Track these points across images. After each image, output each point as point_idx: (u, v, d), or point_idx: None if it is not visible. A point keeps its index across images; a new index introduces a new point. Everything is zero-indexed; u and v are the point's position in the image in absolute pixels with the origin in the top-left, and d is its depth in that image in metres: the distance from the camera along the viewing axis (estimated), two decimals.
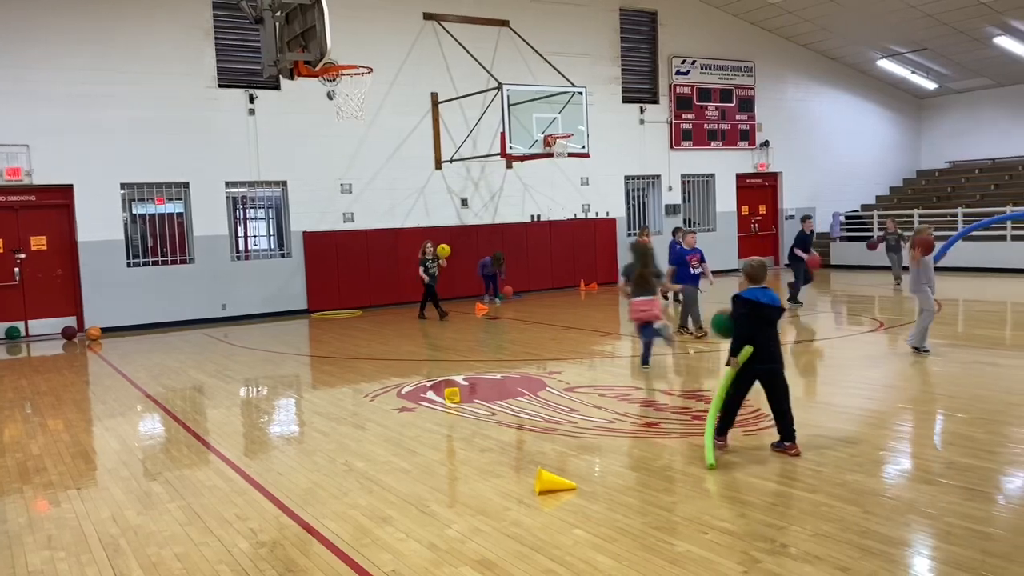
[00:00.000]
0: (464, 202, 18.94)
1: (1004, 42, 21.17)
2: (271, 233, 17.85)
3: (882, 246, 17.94)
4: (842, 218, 23.82)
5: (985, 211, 20.96)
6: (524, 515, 5.05)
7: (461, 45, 17.85)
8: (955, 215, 21.14)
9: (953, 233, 21.14)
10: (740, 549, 4.38)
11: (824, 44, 23.44)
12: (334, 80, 11.86)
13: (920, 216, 21.97)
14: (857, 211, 24.59)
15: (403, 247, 17.98)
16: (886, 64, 24.12)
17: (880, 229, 19.75)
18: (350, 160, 17.52)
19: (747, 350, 5.93)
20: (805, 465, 5.77)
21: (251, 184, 16.99)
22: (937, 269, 10.33)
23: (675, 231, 17.53)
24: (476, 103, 18.04)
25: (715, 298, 10.58)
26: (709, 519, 4.83)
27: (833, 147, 24.57)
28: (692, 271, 11.49)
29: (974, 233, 20.70)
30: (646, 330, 9.50)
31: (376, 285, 17.75)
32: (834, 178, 24.54)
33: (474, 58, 17.72)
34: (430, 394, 8.72)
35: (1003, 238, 19.90)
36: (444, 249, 15.33)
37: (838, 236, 23.47)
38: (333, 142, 17.12)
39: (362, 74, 11.62)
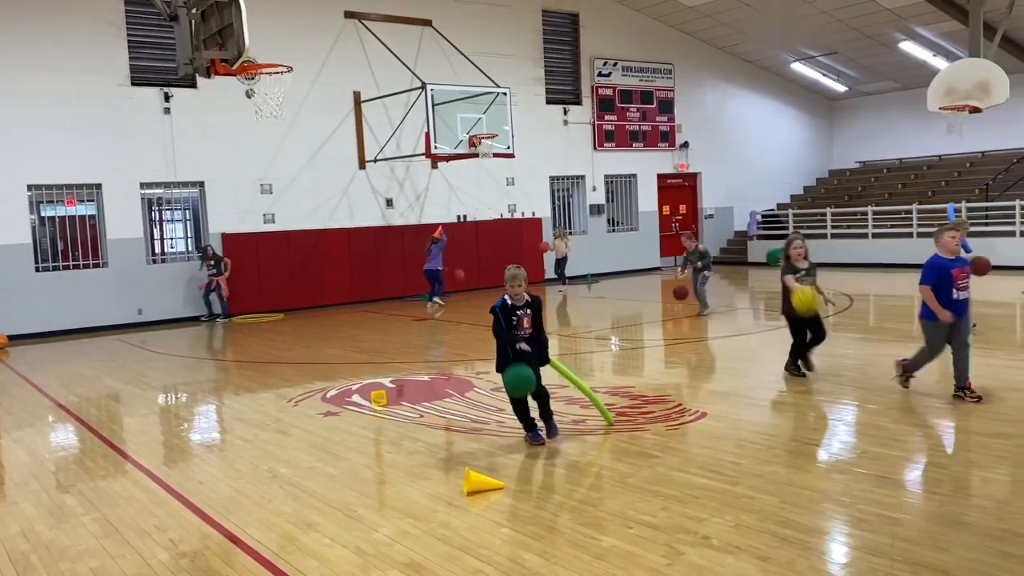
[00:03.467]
0: (389, 202, 18.80)
1: (908, 47, 22.12)
2: (188, 235, 17.38)
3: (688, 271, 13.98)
4: (759, 217, 24.51)
5: (893, 209, 21.88)
6: (452, 516, 5.05)
7: (384, 44, 17.71)
8: (865, 213, 21.99)
9: (867, 230, 22.00)
10: (663, 542, 4.48)
11: (740, 47, 24.08)
12: (253, 79, 11.61)
13: (832, 215, 22.77)
14: (773, 210, 25.34)
15: (326, 248, 17.75)
16: (799, 67, 24.92)
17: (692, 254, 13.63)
18: (270, 160, 17.19)
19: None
20: (725, 458, 5.93)
21: (167, 185, 16.51)
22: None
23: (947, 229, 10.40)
24: (400, 103, 17.92)
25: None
26: (634, 513, 4.91)
27: (750, 147, 25.27)
28: (956, 295, 7.15)
29: (883, 230, 21.60)
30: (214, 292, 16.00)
31: (299, 287, 17.46)
32: (751, 178, 25.24)
33: (397, 57, 17.60)
34: (356, 397, 8.63)
35: (910, 235, 20.79)
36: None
37: (755, 235, 24.14)
38: (252, 141, 16.77)
39: (282, 73, 11.40)
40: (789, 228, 23.56)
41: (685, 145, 23.70)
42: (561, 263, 19.41)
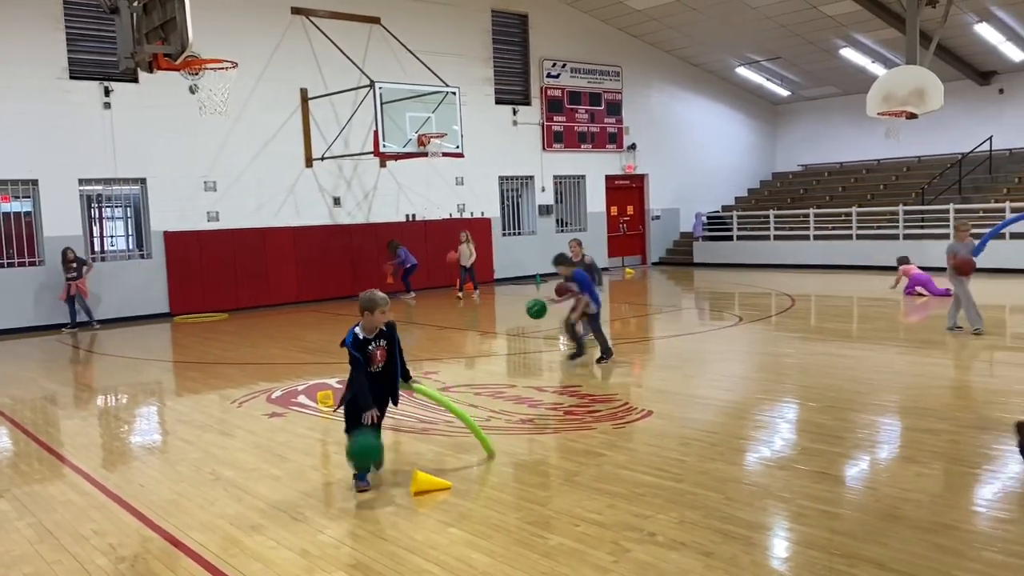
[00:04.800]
0: (337, 201, 18.62)
1: (849, 53, 22.67)
2: (129, 233, 16.98)
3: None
4: (704, 218, 24.88)
5: (833, 211, 22.39)
6: (399, 517, 5.03)
7: (331, 41, 17.53)
8: (807, 215, 22.47)
9: (830, 231, 22.48)
10: (610, 539, 4.52)
11: (687, 51, 24.41)
12: (197, 74, 11.40)
13: (775, 216, 23.21)
14: (718, 212, 25.74)
15: (271, 247, 17.52)
16: (744, 71, 25.36)
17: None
18: (214, 157, 16.88)
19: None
20: (671, 456, 6.01)
21: (107, 181, 16.09)
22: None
23: None
24: (348, 100, 17.77)
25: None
26: (580, 511, 4.95)
27: (696, 150, 25.64)
28: None
29: (824, 232, 22.11)
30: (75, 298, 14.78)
31: (243, 287, 17.19)
32: (697, 180, 25.61)
33: (345, 55, 17.44)
34: (302, 398, 8.53)
35: (849, 237, 21.31)
36: None
37: (700, 236, 24.51)
38: (196, 138, 16.46)
39: (226, 69, 11.22)
40: (734, 230, 23.99)
41: (633, 147, 23.94)
42: (468, 271, 17.82)
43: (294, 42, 17.72)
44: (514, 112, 21.55)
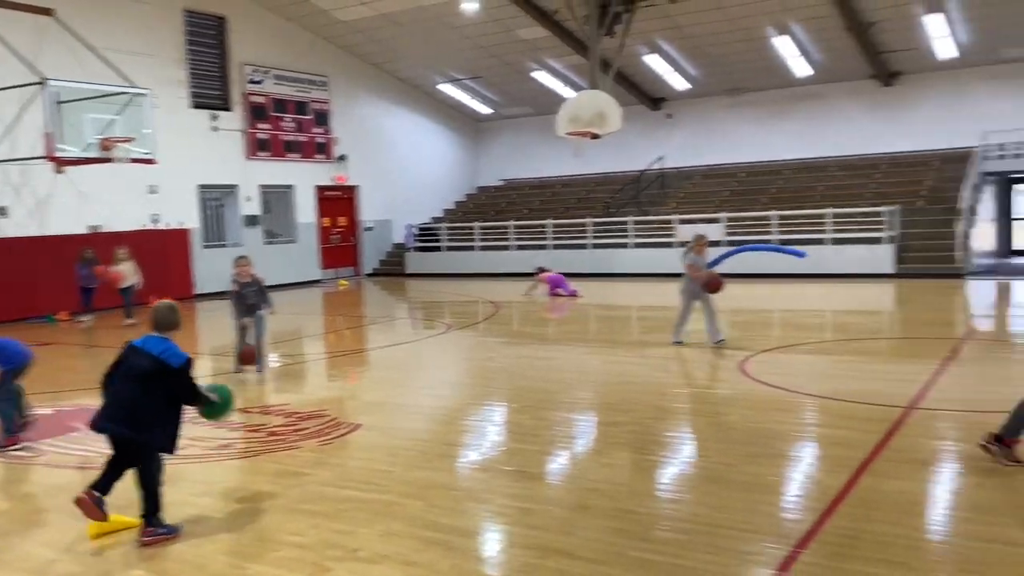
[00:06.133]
0: (2, 211, 16.41)
1: (541, 76, 24.29)
2: None
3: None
4: (415, 230, 25.33)
5: (532, 223, 23.81)
6: (73, 564, 4.50)
7: None
8: (508, 227, 23.68)
9: (545, 242, 23.65)
10: (311, 561, 4.40)
11: (393, 65, 24.72)
12: None
13: (481, 228, 24.21)
14: (428, 223, 26.33)
15: None
16: (446, 88, 26.20)
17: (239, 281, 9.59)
18: None
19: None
20: (378, 468, 6.00)
21: None
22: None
23: None
24: (13, 98, 15.73)
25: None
26: (281, 535, 4.77)
27: (405, 162, 26.04)
28: None
29: (524, 242, 23.43)
30: None
31: None
32: (407, 191, 26.01)
33: (10, 48, 15.43)
34: None
35: (544, 246, 22.79)
36: None
37: (412, 246, 24.93)
38: None
39: None
40: (442, 241, 24.66)
41: (343, 158, 23.74)
42: (127, 292, 15.08)
43: None
44: (213, 117, 20.43)
